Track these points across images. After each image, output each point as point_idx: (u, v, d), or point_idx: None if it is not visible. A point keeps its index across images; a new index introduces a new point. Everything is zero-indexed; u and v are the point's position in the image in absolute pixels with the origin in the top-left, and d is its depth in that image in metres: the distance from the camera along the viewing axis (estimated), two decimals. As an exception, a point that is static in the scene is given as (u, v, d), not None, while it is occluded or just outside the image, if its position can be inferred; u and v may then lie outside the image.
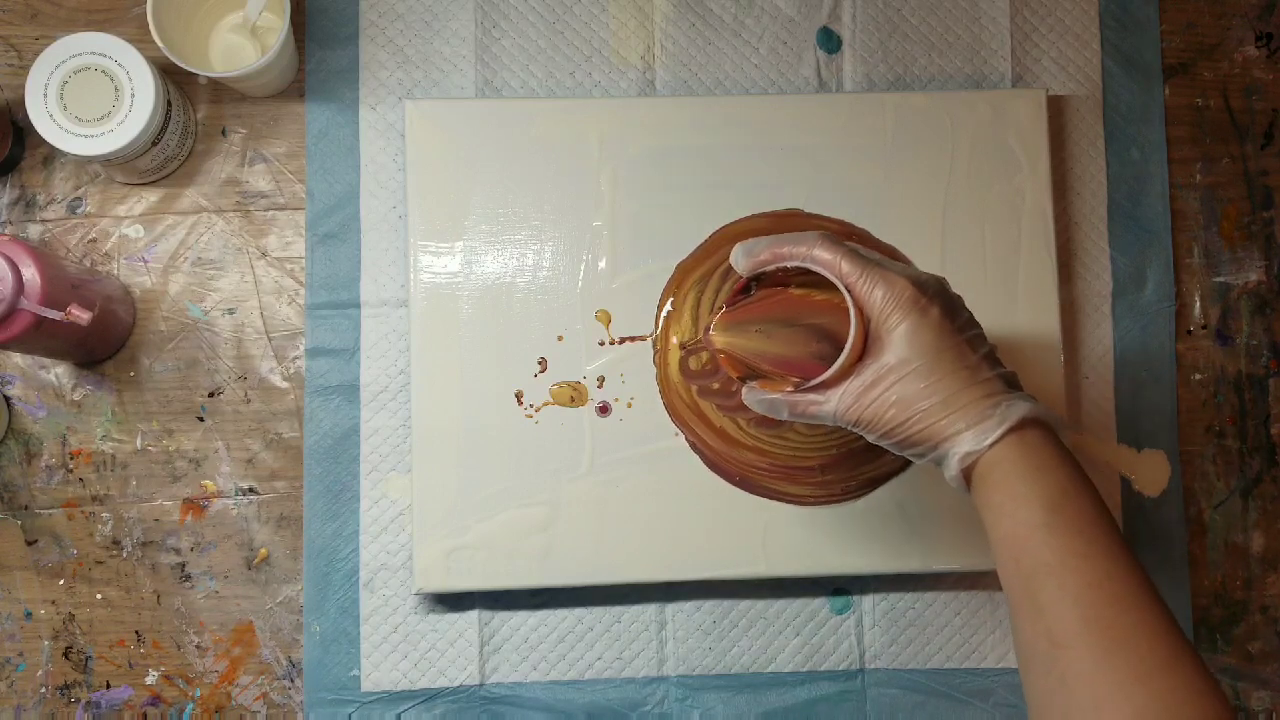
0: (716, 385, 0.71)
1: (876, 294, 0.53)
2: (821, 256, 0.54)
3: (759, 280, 0.59)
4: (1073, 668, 0.47)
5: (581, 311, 0.72)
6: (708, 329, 0.60)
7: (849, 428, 0.55)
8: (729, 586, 0.73)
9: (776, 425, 0.71)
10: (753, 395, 0.57)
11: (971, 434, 0.52)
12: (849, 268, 0.54)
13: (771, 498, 0.71)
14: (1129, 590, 0.48)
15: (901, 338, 0.52)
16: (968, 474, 0.53)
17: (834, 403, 0.54)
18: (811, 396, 0.55)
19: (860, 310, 0.53)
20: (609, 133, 0.73)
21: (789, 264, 0.56)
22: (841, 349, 0.53)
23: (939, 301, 0.53)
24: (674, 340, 0.72)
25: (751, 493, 0.71)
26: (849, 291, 0.53)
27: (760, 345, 0.59)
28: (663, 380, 0.72)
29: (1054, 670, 0.48)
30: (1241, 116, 0.79)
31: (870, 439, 0.55)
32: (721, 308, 0.60)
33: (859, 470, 0.71)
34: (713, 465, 0.71)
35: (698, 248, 0.72)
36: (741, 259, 0.57)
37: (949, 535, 0.71)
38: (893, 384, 0.53)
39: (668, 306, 0.72)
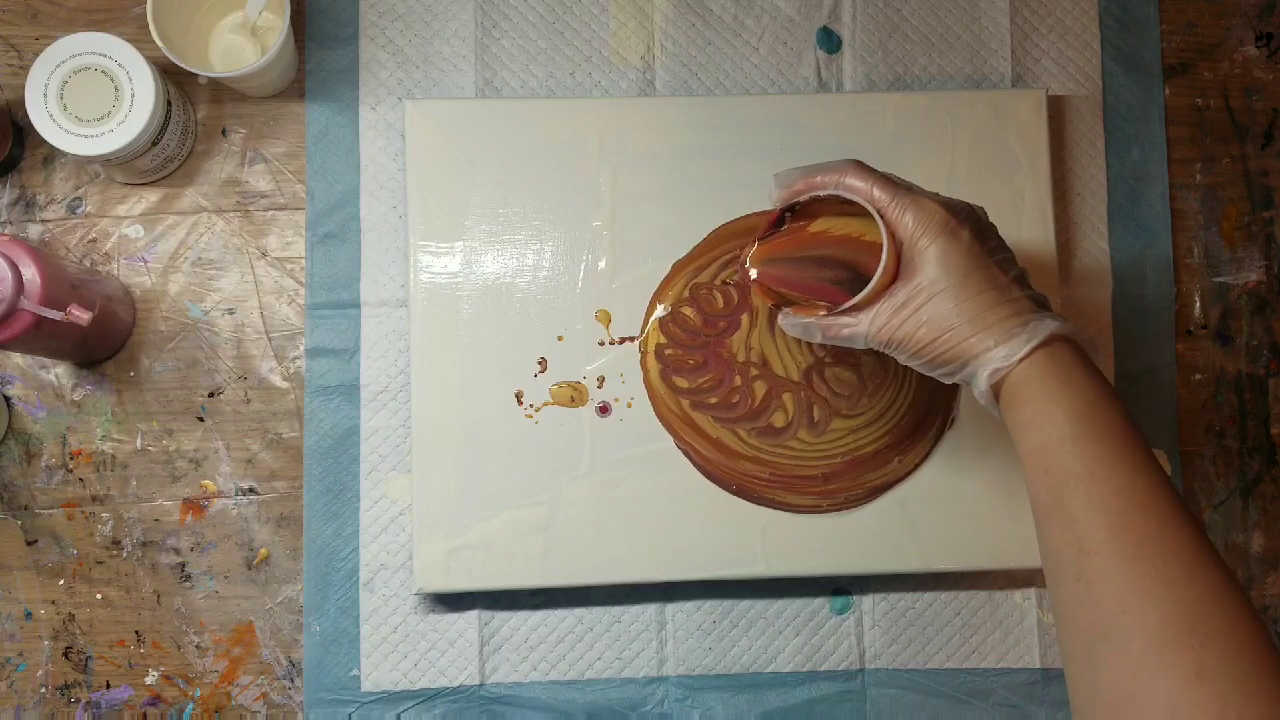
0: (715, 400, 0.71)
1: (908, 218, 0.55)
2: (854, 184, 0.56)
3: (792, 211, 0.60)
4: (1100, 573, 0.48)
5: (581, 311, 0.72)
6: (744, 264, 0.61)
7: (880, 348, 0.56)
8: (729, 586, 0.73)
9: (779, 435, 0.71)
10: (787, 320, 0.59)
11: (1000, 350, 0.53)
12: (881, 193, 0.55)
13: (770, 506, 0.71)
14: (1156, 498, 0.49)
15: (932, 259, 0.54)
16: (997, 391, 0.54)
17: (866, 324, 0.56)
18: (844, 319, 0.56)
19: (892, 234, 0.55)
20: (609, 133, 0.73)
21: (822, 192, 0.57)
22: (871, 277, 0.55)
23: (969, 225, 0.55)
24: (656, 343, 0.71)
25: (749, 501, 0.71)
26: (881, 216, 0.55)
27: (793, 274, 0.60)
28: (648, 385, 0.71)
29: (1082, 577, 0.49)
30: (1241, 116, 0.79)
31: (901, 359, 0.56)
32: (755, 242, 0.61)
33: (864, 479, 0.71)
34: (707, 474, 0.71)
35: (694, 247, 0.72)
36: (775, 189, 0.59)
37: (949, 535, 0.71)
38: (923, 304, 0.54)
39: (658, 310, 0.72)
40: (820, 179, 0.57)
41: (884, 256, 0.54)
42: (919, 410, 0.72)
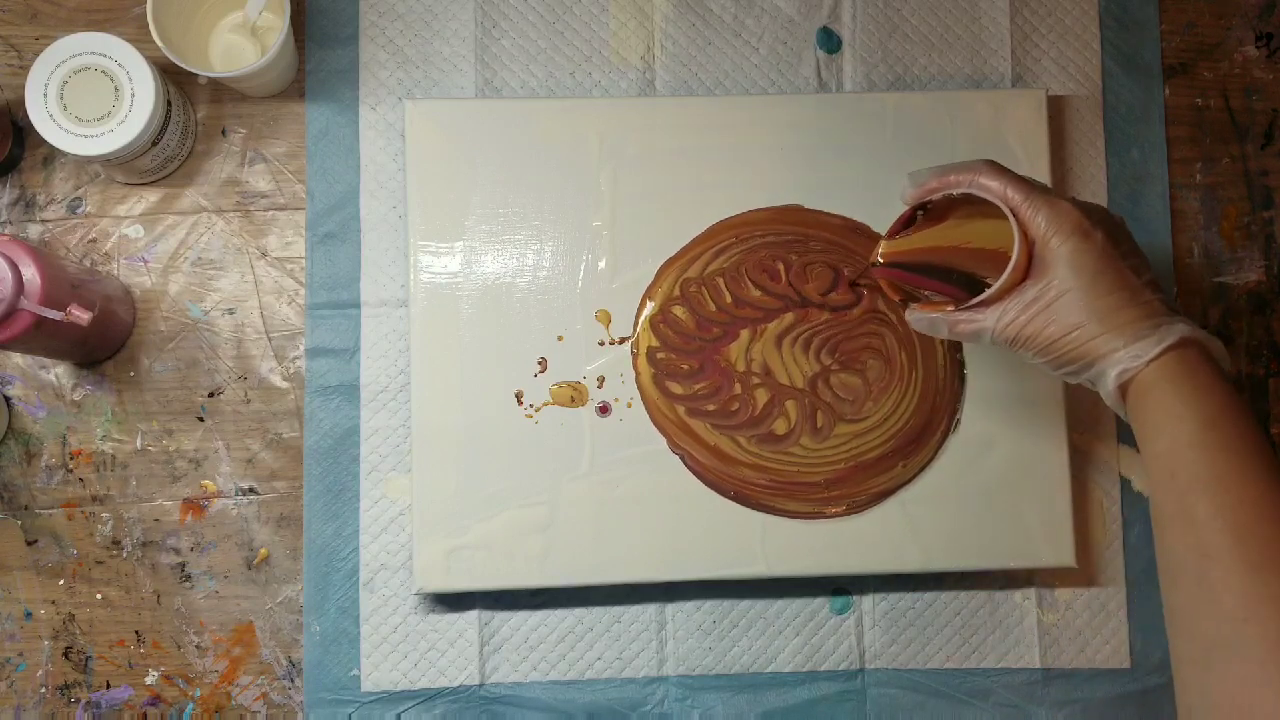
0: (713, 407, 0.71)
1: (1040, 218, 0.55)
2: (988, 183, 0.56)
3: (923, 209, 0.61)
4: (1223, 580, 0.48)
5: (581, 311, 0.72)
6: (871, 260, 0.62)
7: (1005, 346, 0.56)
8: (729, 586, 0.73)
9: (780, 441, 0.71)
10: (914, 315, 0.60)
11: (1128, 351, 0.53)
12: (1015, 193, 0.56)
13: (769, 512, 0.71)
14: None
15: (1064, 260, 0.54)
16: (1124, 392, 0.54)
17: (993, 320, 0.56)
18: (972, 315, 0.57)
19: (1024, 234, 0.55)
20: (609, 133, 0.73)
21: (954, 191, 0.58)
22: (997, 281, 0.55)
23: (1103, 227, 0.55)
24: (648, 345, 0.71)
25: (747, 507, 0.71)
26: (1014, 215, 0.55)
27: (921, 270, 0.60)
28: (641, 388, 0.71)
29: (1203, 582, 0.48)
30: (1241, 116, 0.79)
31: (1026, 357, 0.57)
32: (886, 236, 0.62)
33: (867, 484, 0.71)
34: (704, 480, 0.71)
35: (691, 240, 0.72)
36: (908, 187, 0.60)
37: (949, 535, 0.71)
38: (1052, 302, 0.54)
39: (648, 308, 0.72)
40: (953, 178, 0.58)
41: (1015, 253, 0.55)
42: (924, 414, 0.72)
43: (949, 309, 0.58)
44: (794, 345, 0.72)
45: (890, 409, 0.72)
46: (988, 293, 0.56)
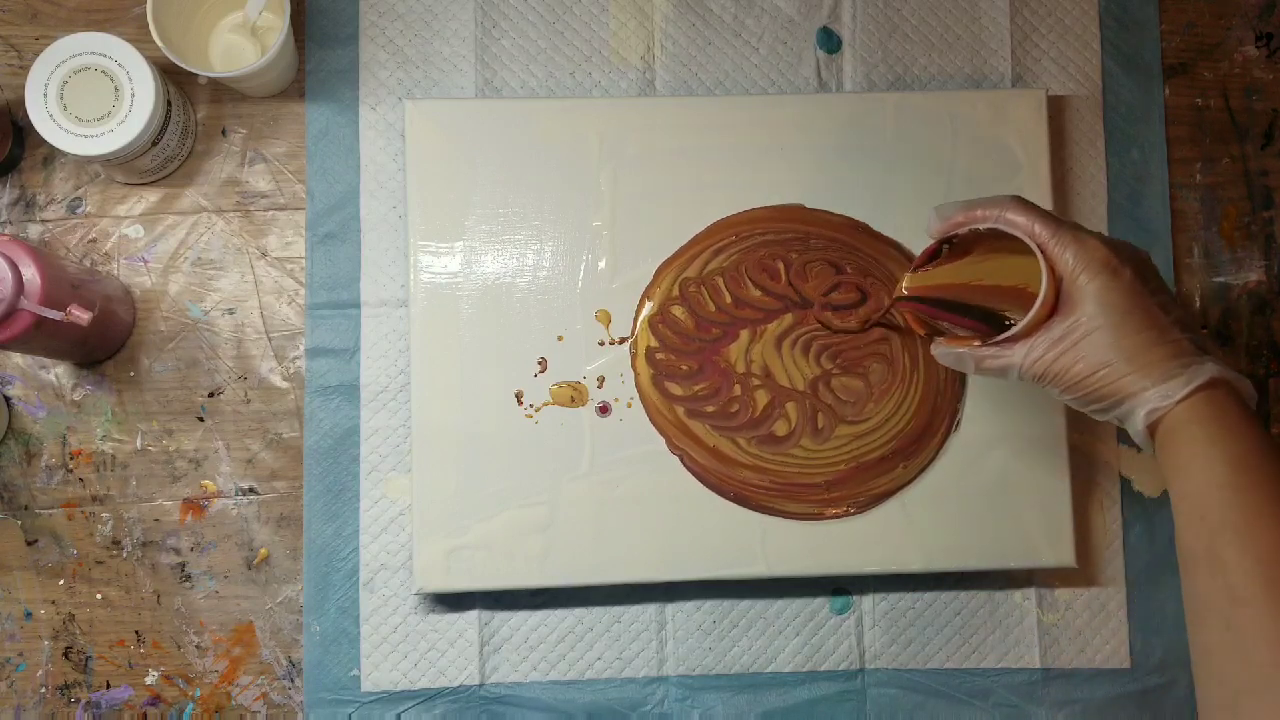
0: (712, 409, 0.71)
1: (1069, 254, 0.55)
2: (1015, 219, 0.56)
3: (949, 243, 0.60)
4: (1252, 624, 0.48)
5: (581, 311, 0.72)
6: (896, 295, 0.61)
7: (1033, 382, 0.56)
8: (729, 586, 0.73)
9: (781, 443, 0.71)
10: (940, 349, 0.60)
11: (1157, 391, 0.53)
12: (1042, 229, 0.55)
13: (769, 514, 0.71)
14: None
15: (1092, 297, 0.54)
16: (1153, 431, 0.54)
17: (1020, 356, 0.56)
18: (999, 350, 0.56)
19: (1052, 270, 0.55)
20: (609, 133, 0.73)
21: (981, 225, 0.57)
22: (1028, 312, 0.55)
23: (1131, 264, 0.55)
24: (647, 345, 0.71)
25: (747, 508, 0.71)
26: (1042, 251, 0.55)
27: (945, 305, 0.60)
28: (640, 389, 0.71)
29: (1232, 626, 0.48)
30: (1241, 116, 0.79)
31: (1054, 394, 0.56)
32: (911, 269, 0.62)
33: (868, 485, 0.71)
34: (704, 481, 0.71)
35: (690, 239, 0.72)
36: (934, 222, 0.59)
37: (949, 535, 0.71)
38: (1080, 339, 0.54)
39: (646, 308, 0.72)
40: (980, 213, 0.57)
41: (1043, 289, 0.54)
42: (925, 415, 0.72)
43: (975, 344, 0.58)
44: (794, 347, 0.72)
45: (892, 410, 0.72)
46: (1015, 329, 0.55)
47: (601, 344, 0.72)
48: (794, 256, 0.72)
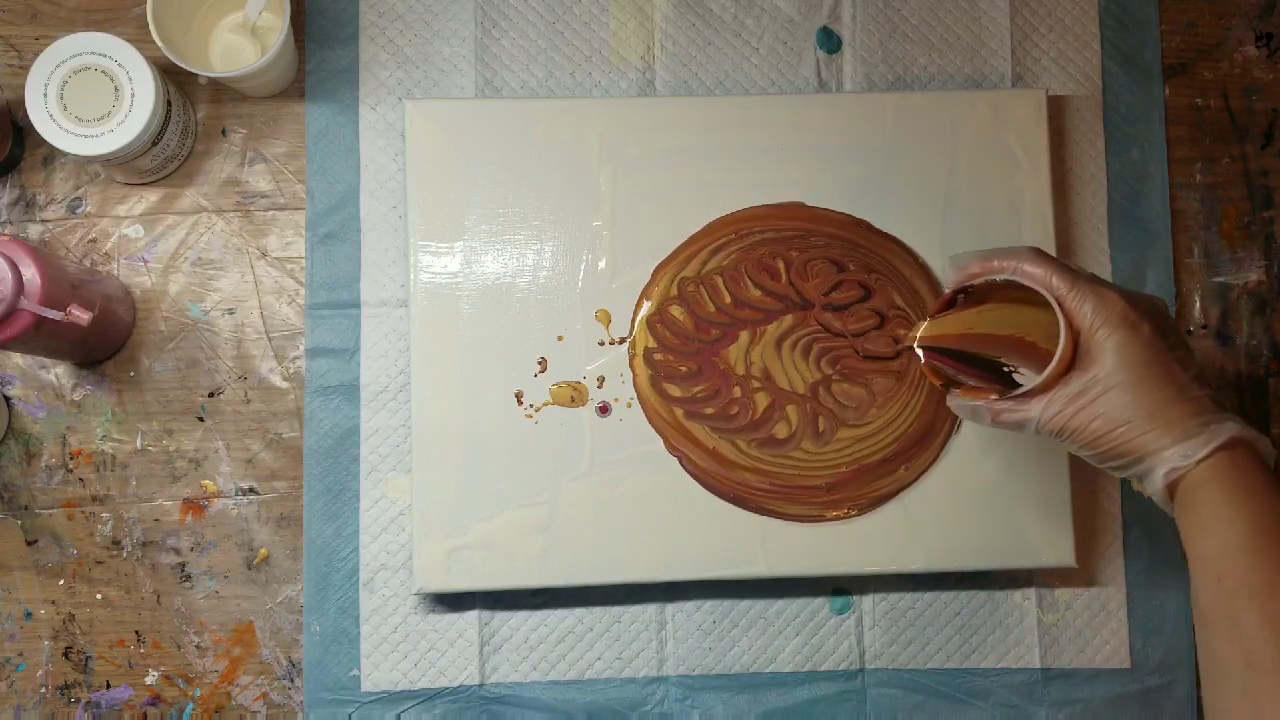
0: (711, 411, 0.71)
1: (1086, 308, 0.54)
2: (1031, 270, 0.55)
3: (965, 293, 0.60)
4: (1269, 692, 0.47)
5: (581, 311, 0.72)
6: (910, 344, 0.61)
7: (1050, 437, 0.55)
8: (729, 586, 0.73)
9: (781, 445, 0.71)
10: (956, 402, 0.59)
11: (1177, 450, 0.52)
12: (1059, 281, 0.55)
13: (768, 515, 0.71)
14: None
15: (1110, 352, 0.53)
16: (1172, 490, 0.53)
17: (1038, 411, 0.55)
18: (1016, 405, 0.56)
19: (1070, 323, 0.54)
20: (609, 133, 0.73)
21: (998, 277, 0.57)
22: (1044, 364, 0.54)
23: (1150, 318, 0.54)
24: (645, 346, 0.71)
25: (746, 510, 0.71)
26: (1059, 304, 0.54)
27: (962, 355, 0.60)
28: (638, 390, 0.71)
29: (1249, 693, 0.48)
30: (1241, 116, 0.79)
31: (1072, 450, 0.56)
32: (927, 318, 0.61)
33: (869, 487, 0.71)
34: (703, 483, 0.71)
35: (688, 238, 0.72)
36: (949, 272, 0.59)
37: (949, 535, 0.71)
38: (1098, 396, 0.53)
39: (644, 308, 0.72)
40: (997, 264, 0.57)
41: (1061, 344, 0.54)
42: (927, 417, 0.72)
43: (992, 398, 0.57)
44: (794, 349, 0.72)
45: (895, 414, 0.72)
46: (1033, 383, 0.55)
47: (601, 344, 0.72)
48: (794, 255, 0.72)
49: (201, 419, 0.74)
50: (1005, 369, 0.60)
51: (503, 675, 0.72)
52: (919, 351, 0.60)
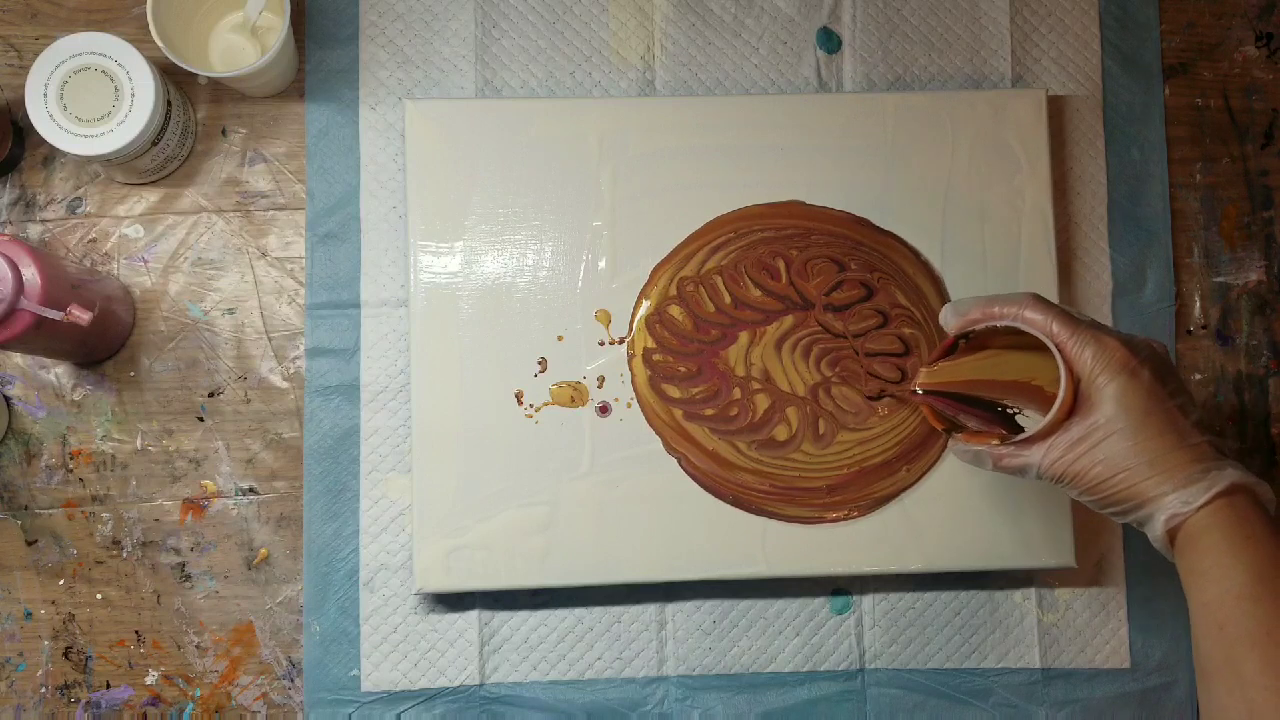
0: (711, 412, 0.71)
1: (1087, 354, 0.54)
2: (1032, 317, 0.56)
3: (966, 338, 0.60)
4: None
5: (581, 311, 0.72)
6: (913, 389, 0.61)
7: (1051, 482, 0.56)
8: (729, 586, 0.73)
9: (781, 447, 0.71)
10: (958, 446, 0.59)
11: (1177, 496, 0.52)
12: (1060, 328, 0.55)
13: (767, 516, 0.71)
14: None
15: (1111, 398, 0.53)
16: (1172, 536, 0.53)
17: (1039, 456, 0.55)
18: (1017, 450, 0.56)
19: (1070, 370, 0.54)
20: (609, 133, 0.73)
21: (999, 323, 0.57)
22: (1048, 406, 0.55)
23: (1150, 365, 0.54)
24: (644, 346, 0.71)
25: (746, 512, 0.71)
26: (1060, 351, 0.55)
27: (964, 400, 0.60)
28: (637, 391, 0.71)
29: None
30: (1241, 116, 0.79)
31: (1072, 495, 0.56)
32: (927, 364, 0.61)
33: (870, 489, 0.71)
34: (702, 484, 0.71)
35: (687, 237, 0.72)
36: (950, 317, 0.59)
37: (949, 535, 0.71)
38: (1100, 442, 0.53)
39: (643, 307, 0.72)
40: (998, 310, 0.57)
41: (1061, 390, 0.54)
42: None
43: (994, 443, 0.57)
44: (794, 351, 0.72)
45: (899, 420, 0.72)
46: (1035, 429, 0.55)
47: (601, 344, 0.72)
48: (795, 254, 0.72)
49: (201, 419, 0.74)
50: (1005, 409, 0.60)
51: (503, 675, 0.72)
52: (919, 393, 0.60)
